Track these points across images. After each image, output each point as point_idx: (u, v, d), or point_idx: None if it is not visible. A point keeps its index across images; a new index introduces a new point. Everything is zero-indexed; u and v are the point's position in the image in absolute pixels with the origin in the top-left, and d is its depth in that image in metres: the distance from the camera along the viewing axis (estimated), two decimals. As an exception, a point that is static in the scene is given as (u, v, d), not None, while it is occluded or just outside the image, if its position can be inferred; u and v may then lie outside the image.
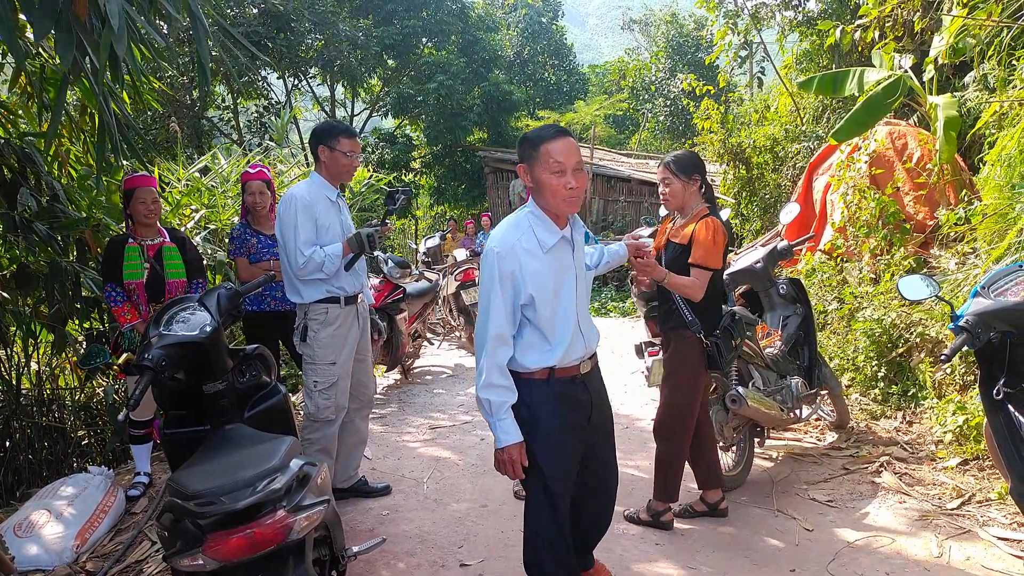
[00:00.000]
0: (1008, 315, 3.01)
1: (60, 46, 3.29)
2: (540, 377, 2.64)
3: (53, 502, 3.93)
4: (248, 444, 2.55)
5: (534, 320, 2.60)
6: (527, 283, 2.54)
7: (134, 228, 4.37)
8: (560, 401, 2.67)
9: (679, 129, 22.13)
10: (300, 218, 3.78)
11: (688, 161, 3.66)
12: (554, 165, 2.53)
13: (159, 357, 2.57)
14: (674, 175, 3.64)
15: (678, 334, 3.72)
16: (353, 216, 11.00)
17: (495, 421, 2.54)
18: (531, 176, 2.60)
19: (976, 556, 3.41)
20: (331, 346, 3.93)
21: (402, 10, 18.87)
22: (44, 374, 5.73)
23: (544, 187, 2.56)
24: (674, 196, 3.68)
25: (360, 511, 4.18)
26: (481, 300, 2.58)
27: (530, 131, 2.65)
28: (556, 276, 2.62)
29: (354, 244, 3.86)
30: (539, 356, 2.63)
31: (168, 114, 13.21)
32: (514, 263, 2.53)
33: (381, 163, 20.60)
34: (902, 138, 6.91)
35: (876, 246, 6.35)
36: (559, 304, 2.63)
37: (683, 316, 3.66)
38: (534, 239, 2.58)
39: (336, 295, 3.93)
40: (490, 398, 2.52)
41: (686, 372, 3.71)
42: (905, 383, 5.31)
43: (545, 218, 2.62)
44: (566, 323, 2.65)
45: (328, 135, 3.92)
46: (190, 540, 2.11)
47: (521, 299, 2.56)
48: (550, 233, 2.61)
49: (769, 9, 11.14)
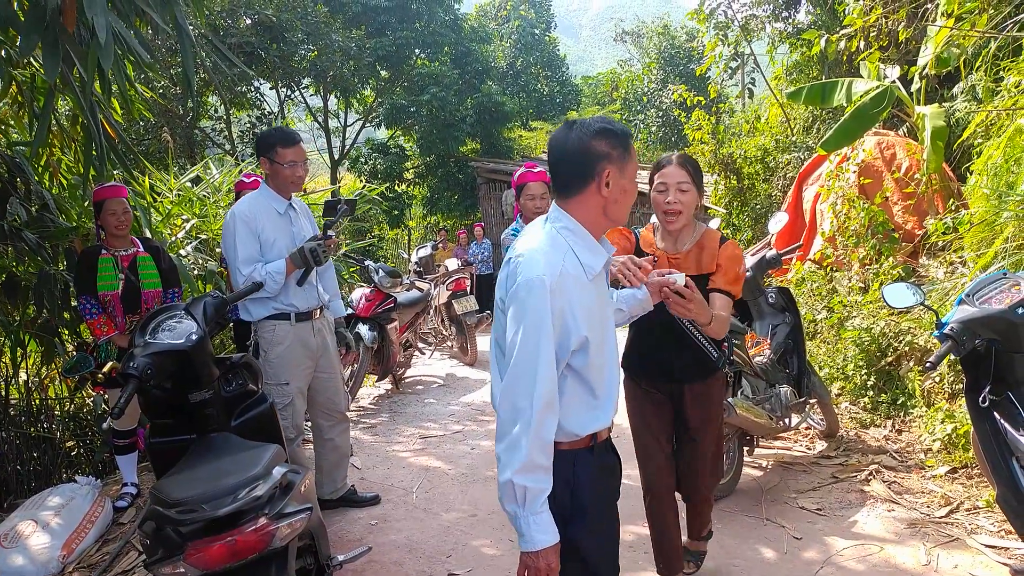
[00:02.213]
0: (992, 323, 3.03)
1: (47, 60, 3.29)
2: (585, 446, 2.05)
3: (40, 512, 3.91)
4: (232, 452, 2.54)
5: (582, 370, 2.00)
6: (580, 322, 1.93)
7: (106, 239, 4.31)
8: (602, 473, 2.11)
9: (671, 140, 22.21)
10: (239, 235, 3.65)
11: (699, 168, 2.89)
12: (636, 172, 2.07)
13: (144, 365, 2.57)
14: (693, 181, 2.80)
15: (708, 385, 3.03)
16: (345, 227, 11.06)
17: (528, 515, 1.89)
18: (610, 184, 1.97)
19: (964, 564, 3.42)
20: (282, 366, 3.75)
21: (395, 21, 18.93)
22: (33, 384, 5.70)
23: (628, 196, 2.03)
24: (689, 207, 2.81)
25: (348, 520, 4.17)
26: (520, 351, 1.88)
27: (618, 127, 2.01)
28: (602, 310, 2.06)
29: (297, 260, 3.69)
30: (588, 418, 2.04)
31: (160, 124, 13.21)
32: (564, 297, 1.91)
33: (374, 173, 20.62)
34: (891, 148, 6.96)
35: (865, 255, 6.37)
36: (606, 346, 2.06)
37: (709, 356, 2.93)
38: (578, 263, 1.97)
39: (286, 311, 3.78)
40: (528, 485, 1.87)
41: (718, 419, 3.14)
42: (894, 392, 5.32)
43: (586, 235, 2.01)
44: (613, 370, 2.10)
45: (266, 146, 3.73)
46: (172, 548, 2.11)
47: (572, 344, 1.94)
48: (594, 254, 2.01)
49: (759, 21, 11.23)
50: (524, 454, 1.85)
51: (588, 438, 2.04)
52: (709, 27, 11.63)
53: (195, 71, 3.87)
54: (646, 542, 3.78)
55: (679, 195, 2.76)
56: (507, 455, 1.88)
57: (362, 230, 14.41)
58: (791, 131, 10.18)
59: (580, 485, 2.02)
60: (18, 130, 5.49)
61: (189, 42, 3.78)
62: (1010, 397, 3.04)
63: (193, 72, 3.87)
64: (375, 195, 12.17)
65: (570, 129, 1.98)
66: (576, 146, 1.95)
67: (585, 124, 1.97)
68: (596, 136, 1.95)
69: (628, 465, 4.93)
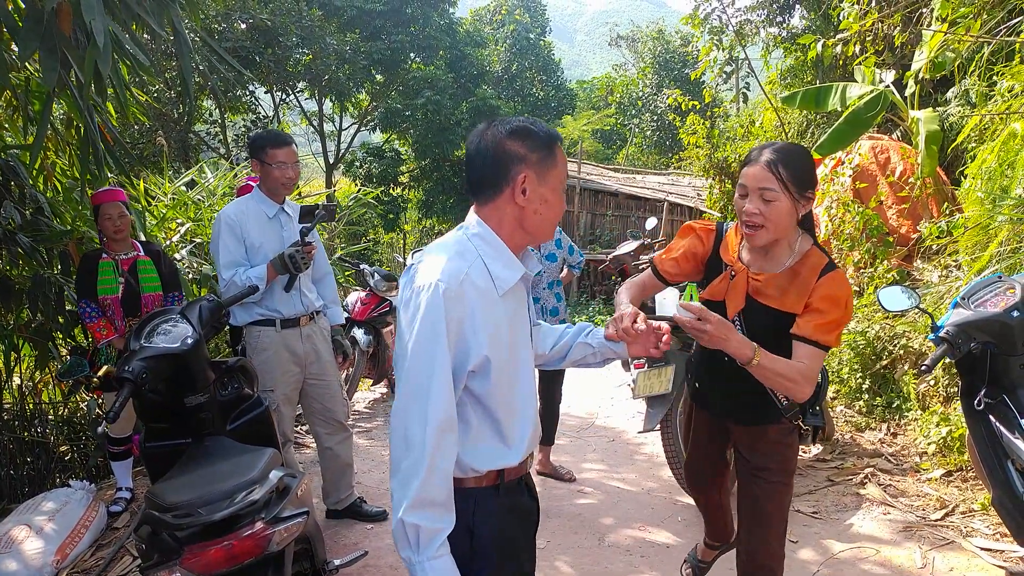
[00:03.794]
0: (987, 326, 3.04)
1: (44, 65, 3.27)
2: (487, 484, 1.79)
3: (34, 517, 3.89)
4: (228, 456, 2.53)
5: (483, 397, 1.74)
6: (482, 339, 1.68)
7: (106, 243, 4.32)
8: (511, 517, 1.85)
9: (666, 144, 22.30)
10: (222, 239, 3.64)
11: (806, 167, 2.18)
12: (564, 180, 1.82)
13: (140, 369, 2.56)
14: (783, 185, 2.11)
15: (763, 430, 2.43)
16: (341, 231, 11.05)
17: (422, 561, 1.60)
18: (527, 191, 1.73)
19: (959, 567, 3.42)
20: (266, 372, 3.71)
21: (390, 25, 18.93)
22: (27, 388, 5.68)
23: (550, 208, 1.78)
24: (775, 222, 2.14)
25: (345, 524, 4.15)
26: (412, 366, 1.64)
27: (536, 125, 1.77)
28: (514, 334, 1.78)
29: (278, 265, 3.64)
30: (490, 453, 1.78)
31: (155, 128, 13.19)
32: (464, 308, 1.66)
33: (369, 177, 20.64)
34: (885, 152, 6.98)
35: (860, 259, 6.39)
36: (518, 372, 1.80)
37: (775, 401, 2.37)
38: (487, 274, 1.72)
39: (271, 318, 3.75)
40: (421, 524, 1.60)
41: (788, 488, 2.46)
42: (889, 395, 5.33)
43: (501, 246, 1.76)
44: (527, 400, 1.84)
45: (257, 148, 3.72)
46: (168, 552, 2.09)
47: (471, 363, 1.68)
48: (509, 268, 1.76)
49: (753, 26, 11.27)
50: (416, 487, 1.59)
51: (493, 475, 1.78)
52: (703, 31, 11.66)
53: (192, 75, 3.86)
54: (643, 545, 3.80)
55: (760, 205, 2.13)
56: (400, 491, 1.62)
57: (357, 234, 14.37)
58: (786, 135, 10.20)
59: (481, 530, 1.77)
60: (12, 133, 5.47)
61: (187, 47, 3.77)
62: (1005, 400, 3.05)
63: (191, 76, 3.86)
64: (370, 199, 12.16)
65: (487, 127, 1.76)
66: (490, 146, 1.72)
67: (503, 122, 1.75)
68: (511, 136, 1.72)
69: (624, 469, 4.95)
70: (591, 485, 4.73)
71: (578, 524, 4.13)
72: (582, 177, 15.57)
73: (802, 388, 2.10)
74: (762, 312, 2.25)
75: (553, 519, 4.18)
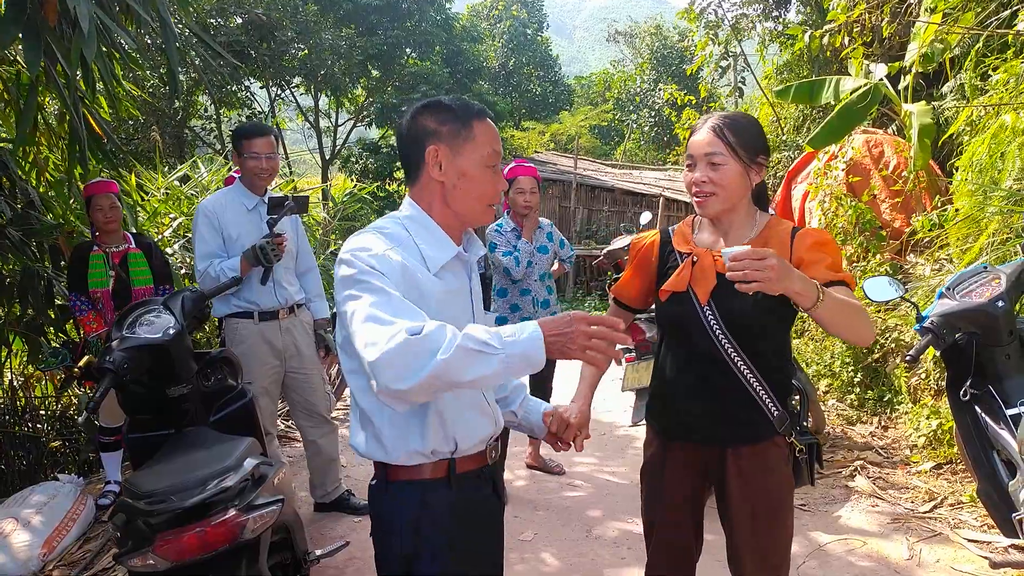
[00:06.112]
0: (972, 316, 3.04)
1: (27, 53, 3.26)
2: (432, 476, 1.66)
3: (21, 510, 3.88)
4: (207, 445, 2.52)
5: None
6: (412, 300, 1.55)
7: (98, 235, 4.32)
8: (466, 515, 1.69)
9: (664, 139, 22.28)
10: (199, 230, 3.66)
11: (753, 132, 2.01)
12: (490, 156, 1.72)
13: (121, 360, 2.55)
14: (731, 149, 1.95)
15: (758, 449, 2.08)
16: (336, 226, 11.04)
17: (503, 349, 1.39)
18: (443, 165, 1.68)
19: (946, 558, 3.42)
20: (244, 364, 3.64)
21: (386, 20, 18.93)
22: (18, 383, 5.67)
23: (471, 183, 1.70)
24: (726, 187, 1.97)
25: (331, 517, 4.14)
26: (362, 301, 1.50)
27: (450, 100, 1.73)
28: (442, 310, 1.61)
29: (250, 257, 3.60)
30: (420, 439, 1.63)
31: (150, 123, 13.18)
32: (392, 275, 1.56)
33: (365, 173, 20.64)
34: (879, 146, 6.97)
35: (853, 253, 6.38)
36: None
37: (765, 410, 2.04)
38: (418, 252, 1.66)
39: (248, 310, 3.76)
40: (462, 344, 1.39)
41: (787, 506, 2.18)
42: (881, 388, 5.33)
43: (433, 226, 1.72)
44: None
45: (236, 139, 3.73)
46: (141, 539, 2.09)
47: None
48: (440, 247, 1.70)
49: (749, 20, 11.24)
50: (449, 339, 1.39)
51: (443, 465, 1.65)
52: (699, 26, 11.65)
53: (185, 69, 3.85)
54: (630, 537, 3.79)
55: (709, 172, 1.96)
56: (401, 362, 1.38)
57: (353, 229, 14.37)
58: (781, 130, 10.19)
59: (427, 530, 1.64)
60: (5, 127, 5.46)
61: (172, 35, 3.76)
62: (991, 391, 3.06)
63: (177, 65, 3.85)
64: (365, 194, 12.15)
65: (408, 109, 1.75)
66: (406, 124, 1.71)
67: (420, 101, 1.74)
68: (422, 111, 1.70)
69: (614, 462, 4.94)
70: (581, 478, 4.72)
71: (566, 517, 4.13)
72: (579, 173, 15.56)
73: (869, 325, 1.90)
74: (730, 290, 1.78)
75: (541, 512, 4.18)
